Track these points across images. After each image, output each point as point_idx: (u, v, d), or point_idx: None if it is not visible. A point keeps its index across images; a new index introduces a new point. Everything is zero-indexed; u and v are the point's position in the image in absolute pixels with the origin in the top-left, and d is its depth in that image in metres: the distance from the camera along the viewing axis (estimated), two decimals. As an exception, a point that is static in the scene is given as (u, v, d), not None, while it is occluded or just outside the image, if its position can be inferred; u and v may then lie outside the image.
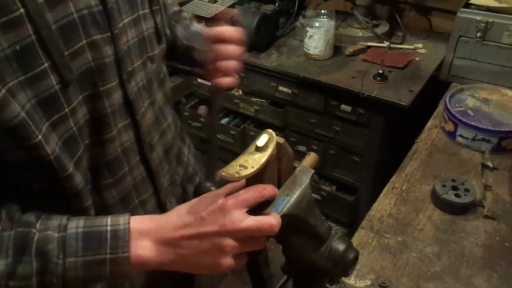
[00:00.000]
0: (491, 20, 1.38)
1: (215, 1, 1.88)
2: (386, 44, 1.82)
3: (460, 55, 1.49)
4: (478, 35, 1.42)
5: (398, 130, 1.75)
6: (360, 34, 1.88)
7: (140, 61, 0.73)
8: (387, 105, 1.58)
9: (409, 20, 1.99)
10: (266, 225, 0.56)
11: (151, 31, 0.76)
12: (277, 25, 1.98)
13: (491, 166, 1.15)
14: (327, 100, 1.75)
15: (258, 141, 0.56)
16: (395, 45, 1.82)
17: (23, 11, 0.51)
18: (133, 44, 0.70)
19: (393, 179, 1.16)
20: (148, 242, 0.59)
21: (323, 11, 1.75)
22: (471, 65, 1.48)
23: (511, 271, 0.91)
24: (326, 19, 1.74)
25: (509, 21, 1.37)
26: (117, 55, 0.66)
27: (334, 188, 2.05)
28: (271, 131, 0.57)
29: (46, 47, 0.54)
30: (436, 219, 1.03)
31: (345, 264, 0.62)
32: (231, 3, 1.86)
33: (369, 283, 0.89)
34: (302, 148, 1.95)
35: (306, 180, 0.60)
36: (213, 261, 0.58)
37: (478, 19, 1.40)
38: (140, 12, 0.72)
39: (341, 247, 0.62)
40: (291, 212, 0.57)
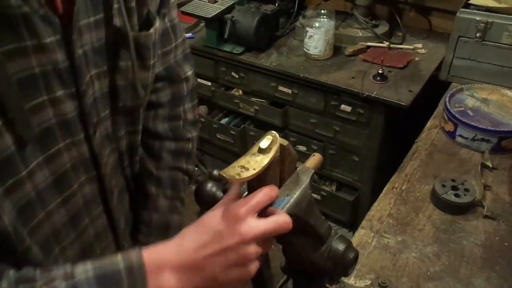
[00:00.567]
0: (490, 20, 1.38)
1: (215, 1, 1.88)
2: (386, 44, 1.82)
3: (459, 55, 1.49)
4: (477, 35, 1.42)
5: (398, 130, 1.76)
6: (360, 34, 1.88)
7: (107, 111, 0.69)
8: (387, 105, 1.58)
9: (409, 20, 1.99)
10: (282, 223, 0.56)
11: (126, 83, 0.69)
12: (277, 25, 1.98)
13: (491, 166, 1.16)
14: (327, 100, 1.75)
15: (261, 143, 0.56)
16: (395, 45, 1.82)
17: None
18: (100, 95, 0.66)
19: (393, 179, 1.16)
20: (168, 273, 0.55)
21: (323, 11, 1.75)
22: (470, 65, 1.48)
23: (510, 271, 0.91)
24: (326, 19, 1.74)
25: (508, 21, 1.37)
26: (82, 110, 0.62)
27: (334, 188, 2.05)
28: (275, 133, 0.57)
29: (1, 101, 0.50)
30: (436, 219, 1.03)
31: (345, 264, 0.62)
32: (231, 3, 1.86)
33: (369, 283, 0.89)
34: (302, 148, 1.95)
35: (306, 180, 0.60)
36: (242, 272, 0.56)
37: (477, 19, 1.40)
38: (120, 63, 0.67)
39: (341, 247, 0.62)
40: (291, 212, 0.57)
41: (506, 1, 1.41)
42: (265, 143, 0.56)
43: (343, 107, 1.72)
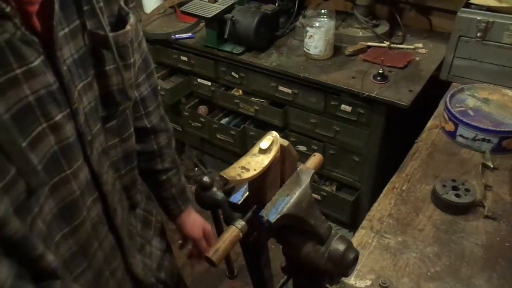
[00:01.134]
0: (491, 20, 1.38)
1: (215, 1, 1.88)
2: (386, 44, 1.82)
3: (460, 55, 1.49)
4: (478, 35, 1.41)
5: (398, 130, 1.75)
6: (360, 34, 1.88)
7: (99, 125, 0.67)
8: (387, 105, 1.58)
9: (409, 20, 1.99)
10: None
11: (116, 87, 0.68)
12: (277, 25, 1.98)
13: (492, 166, 1.15)
14: (327, 100, 1.75)
15: (261, 143, 0.56)
16: (395, 45, 1.82)
17: None
18: (89, 110, 0.64)
19: (393, 179, 1.15)
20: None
21: (323, 11, 1.75)
22: (471, 65, 1.48)
23: (511, 271, 0.90)
24: (326, 19, 1.73)
25: (509, 21, 1.37)
26: (78, 130, 0.61)
27: (334, 188, 2.05)
28: (275, 133, 0.57)
29: (3, 151, 0.49)
30: (436, 219, 1.03)
31: (345, 264, 0.62)
32: (231, 3, 1.85)
33: (369, 283, 0.89)
34: (302, 148, 1.95)
35: (306, 180, 0.60)
36: None
37: (478, 19, 1.40)
38: (105, 68, 0.65)
39: (341, 247, 0.62)
40: (291, 212, 0.57)
41: (507, 1, 1.41)
42: (265, 143, 0.56)
43: (343, 107, 1.72)
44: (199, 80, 2.12)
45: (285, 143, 0.58)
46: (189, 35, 2.02)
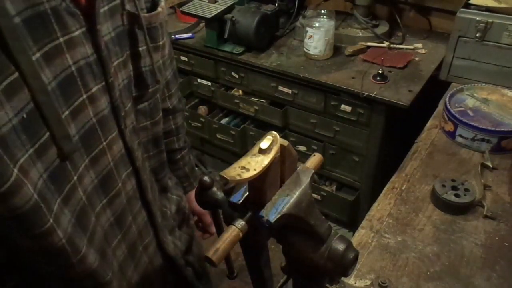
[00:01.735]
0: (490, 20, 1.38)
1: (215, 1, 1.88)
2: (386, 44, 1.82)
3: (459, 55, 1.49)
4: (477, 35, 1.42)
5: (398, 130, 1.76)
6: (360, 34, 1.88)
7: (130, 104, 0.69)
8: (386, 105, 1.59)
9: (409, 20, 1.99)
10: None
11: (147, 68, 0.71)
12: (277, 25, 1.98)
13: (491, 166, 1.16)
14: (327, 100, 1.75)
15: (261, 143, 0.56)
16: (395, 45, 1.82)
17: (17, 74, 0.46)
18: (123, 86, 0.66)
19: (393, 179, 1.16)
20: None
21: (323, 11, 1.75)
22: (470, 65, 1.48)
23: (510, 271, 0.91)
24: (326, 19, 1.74)
25: (508, 21, 1.37)
26: (112, 104, 0.62)
27: (334, 188, 2.05)
28: (275, 133, 0.57)
29: (43, 115, 0.50)
30: (436, 219, 1.03)
31: (345, 264, 0.62)
32: (231, 3, 1.86)
33: (369, 283, 0.89)
34: (302, 148, 1.95)
35: (306, 180, 0.60)
36: None
37: (477, 19, 1.40)
38: (138, 48, 0.68)
39: (341, 247, 0.62)
40: (291, 212, 0.57)
41: (506, 1, 1.41)
42: (265, 143, 0.56)
43: (343, 107, 1.72)
44: (199, 80, 2.12)
45: (285, 143, 0.58)
46: (189, 35, 2.03)
